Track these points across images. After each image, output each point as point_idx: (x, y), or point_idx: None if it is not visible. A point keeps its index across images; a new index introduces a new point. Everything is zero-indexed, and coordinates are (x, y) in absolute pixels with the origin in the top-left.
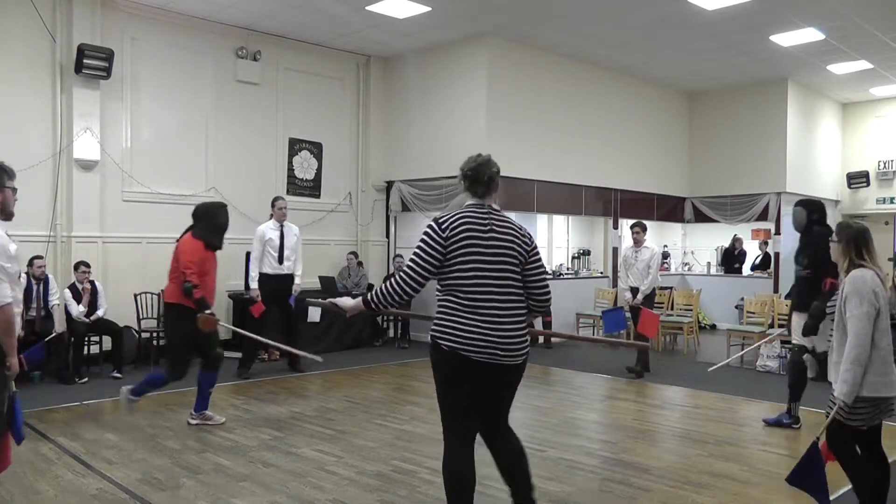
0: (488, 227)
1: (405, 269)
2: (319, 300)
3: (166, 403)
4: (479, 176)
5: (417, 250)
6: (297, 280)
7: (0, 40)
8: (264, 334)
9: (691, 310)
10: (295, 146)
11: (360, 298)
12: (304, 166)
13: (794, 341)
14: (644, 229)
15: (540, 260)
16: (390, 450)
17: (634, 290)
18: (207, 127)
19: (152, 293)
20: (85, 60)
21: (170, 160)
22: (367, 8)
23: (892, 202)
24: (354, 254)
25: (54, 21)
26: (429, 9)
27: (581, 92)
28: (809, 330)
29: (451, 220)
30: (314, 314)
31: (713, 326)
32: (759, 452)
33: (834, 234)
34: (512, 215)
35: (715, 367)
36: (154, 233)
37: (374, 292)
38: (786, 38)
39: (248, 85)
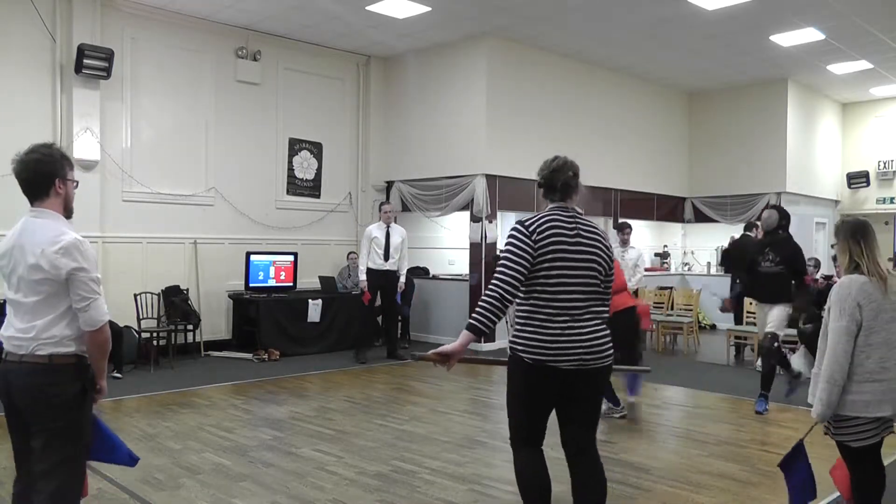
0: (575, 232)
1: (497, 277)
2: (424, 353)
3: (166, 404)
4: (553, 182)
5: (507, 254)
6: (401, 279)
7: (0, 40)
8: (372, 323)
9: (691, 310)
10: (295, 146)
11: (462, 333)
12: (304, 166)
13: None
14: (632, 230)
15: (614, 270)
16: (390, 450)
17: None
18: (207, 127)
19: (152, 293)
20: (85, 60)
21: (170, 160)
22: (367, 8)
23: (892, 202)
24: (354, 254)
25: (54, 21)
26: (429, 9)
27: (581, 92)
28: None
29: (538, 222)
30: (314, 314)
31: (713, 326)
32: (759, 452)
33: (834, 234)
34: (512, 215)
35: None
36: (154, 233)
37: (472, 316)
38: (786, 38)
39: (248, 85)
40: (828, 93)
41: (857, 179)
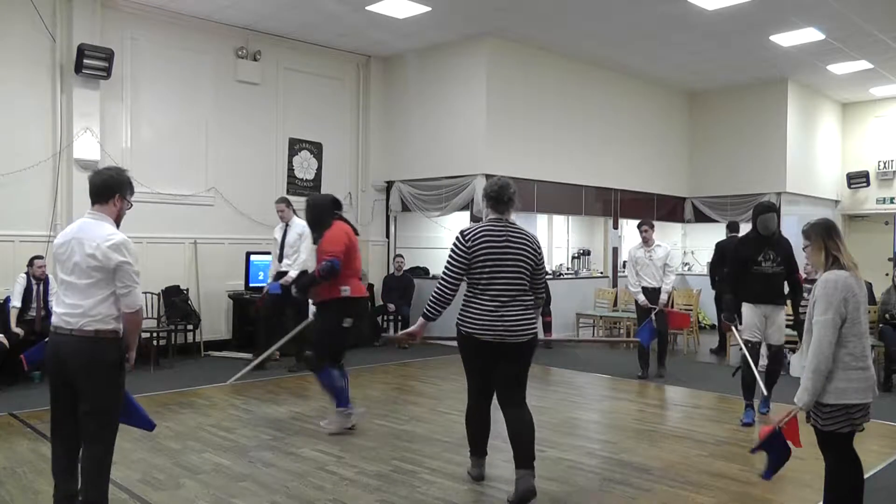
0: (504, 239)
1: (443, 274)
2: (393, 335)
3: (166, 404)
4: (501, 196)
5: (449, 258)
6: (290, 273)
7: (0, 40)
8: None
9: (691, 310)
10: (295, 146)
11: (420, 319)
12: (304, 166)
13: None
14: (652, 227)
15: (544, 265)
16: (390, 450)
17: (648, 290)
18: (207, 127)
19: (152, 293)
20: (85, 60)
21: (170, 160)
22: (367, 8)
23: (892, 202)
24: None
25: (54, 21)
26: (429, 9)
27: (581, 92)
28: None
29: (473, 232)
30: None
31: (713, 326)
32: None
33: (804, 238)
34: (512, 216)
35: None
36: (154, 233)
37: (426, 305)
38: (786, 38)
39: (248, 85)
40: (828, 93)
41: (857, 179)
